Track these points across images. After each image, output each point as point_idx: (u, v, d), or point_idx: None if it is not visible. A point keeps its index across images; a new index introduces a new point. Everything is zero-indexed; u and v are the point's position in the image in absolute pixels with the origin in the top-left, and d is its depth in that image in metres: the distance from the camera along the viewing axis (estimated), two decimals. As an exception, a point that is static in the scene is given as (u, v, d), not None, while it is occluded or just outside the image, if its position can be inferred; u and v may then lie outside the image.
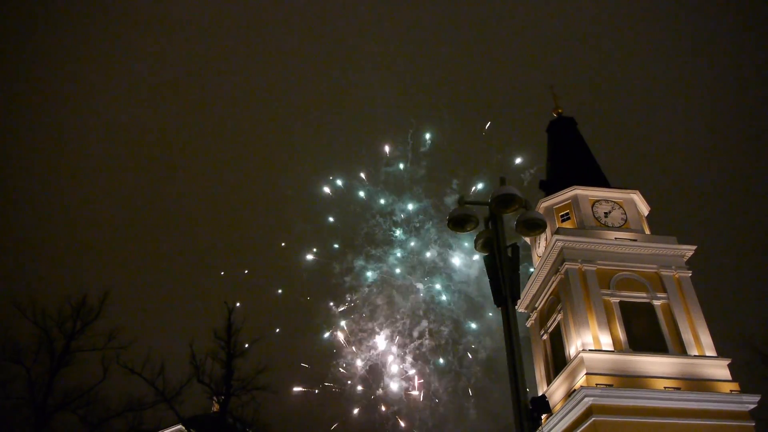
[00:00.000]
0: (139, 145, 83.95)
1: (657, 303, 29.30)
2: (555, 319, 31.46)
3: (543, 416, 10.24)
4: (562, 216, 33.62)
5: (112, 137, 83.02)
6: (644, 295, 29.62)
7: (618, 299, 29.27)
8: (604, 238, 31.35)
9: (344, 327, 51.58)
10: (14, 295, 29.99)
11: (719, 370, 27.08)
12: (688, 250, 31.23)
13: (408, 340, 51.14)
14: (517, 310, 21.16)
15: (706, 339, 28.05)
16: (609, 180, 36.79)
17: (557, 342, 31.02)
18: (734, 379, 26.76)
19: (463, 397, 49.03)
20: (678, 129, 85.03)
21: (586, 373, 26.24)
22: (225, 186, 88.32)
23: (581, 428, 25.41)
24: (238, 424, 32.48)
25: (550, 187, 36.07)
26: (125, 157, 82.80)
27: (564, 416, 26.67)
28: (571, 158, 38.32)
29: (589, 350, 26.99)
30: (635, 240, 31.45)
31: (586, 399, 25.13)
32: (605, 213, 33.18)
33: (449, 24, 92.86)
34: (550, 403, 26.46)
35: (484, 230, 11.93)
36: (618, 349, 27.39)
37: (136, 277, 73.85)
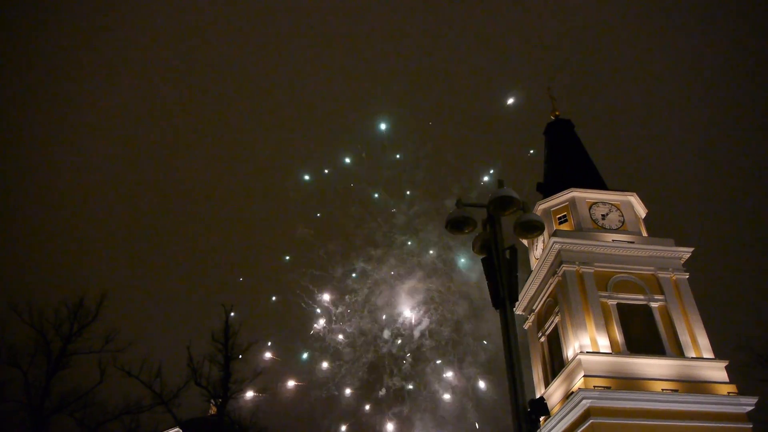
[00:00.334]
0: (137, 147, 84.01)
1: (654, 305, 29.35)
2: (553, 321, 31.47)
3: (541, 418, 10.23)
4: (560, 218, 33.66)
5: (109, 139, 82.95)
6: (642, 297, 29.66)
7: (615, 301, 29.32)
8: (601, 240, 31.40)
9: (345, 329, 51.53)
10: (11, 297, 29.81)
11: (717, 372, 27.13)
12: (686, 252, 31.30)
13: (409, 340, 51.14)
14: (515, 312, 21.19)
15: (704, 341, 28.13)
16: (606, 182, 36.88)
17: (555, 344, 31.03)
18: (731, 381, 26.82)
19: (462, 399, 49.02)
20: (675, 131, 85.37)
21: (584, 376, 26.26)
22: (223, 188, 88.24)
23: (579, 430, 25.39)
24: (235, 426, 32.39)
25: (547, 189, 36.12)
26: (123, 159, 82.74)
27: (562, 418, 26.67)
28: (568, 160, 38.38)
29: (587, 352, 27.02)
30: (633, 242, 31.49)
31: (584, 401, 25.15)
32: (603, 215, 33.23)
33: (446, 25, 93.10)
34: (548, 405, 26.44)
35: (482, 232, 11.91)
36: (615, 351, 27.43)
37: (134, 280, 73.84)
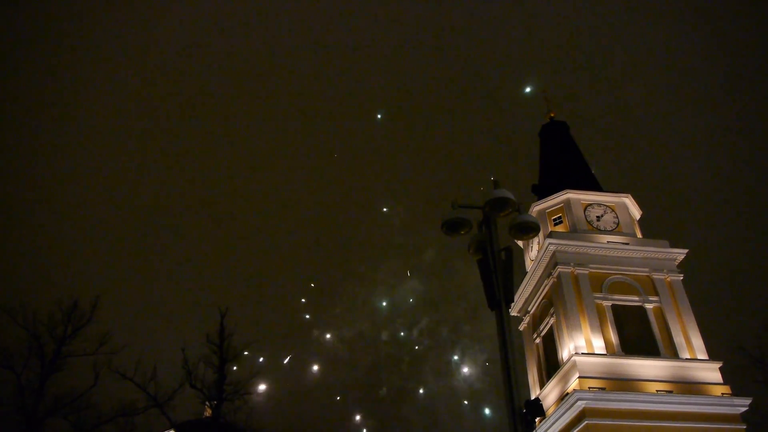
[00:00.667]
0: (132, 149, 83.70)
1: (649, 306, 29.44)
2: (548, 322, 31.51)
3: (536, 419, 10.23)
4: (555, 220, 33.73)
5: (105, 141, 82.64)
6: (636, 298, 29.75)
7: (610, 303, 29.38)
8: (596, 241, 31.48)
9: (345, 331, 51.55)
10: (4, 299, 29.77)
11: (711, 373, 27.22)
12: (680, 254, 31.42)
13: (405, 341, 51.20)
14: (511, 314, 21.16)
15: (698, 342, 28.22)
16: (601, 184, 36.98)
17: (550, 345, 31.06)
18: (725, 382, 26.91)
19: (458, 399, 49.09)
20: (670, 133, 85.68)
21: (579, 377, 26.30)
22: (219, 191, 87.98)
23: (574, 431, 25.45)
24: (230, 428, 32.26)
25: (542, 190, 36.18)
26: (118, 161, 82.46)
27: (557, 419, 26.70)
28: (563, 162, 38.47)
29: (582, 353, 27.07)
30: (627, 243, 31.58)
31: (579, 402, 25.19)
32: (597, 217, 33.32)
33: (444, 26, 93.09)
34: (544, 407, 26.48)
35: (477, 234, 11.92)
36: (610, 352, 27.48)
37: (128, 282, 73.43)
